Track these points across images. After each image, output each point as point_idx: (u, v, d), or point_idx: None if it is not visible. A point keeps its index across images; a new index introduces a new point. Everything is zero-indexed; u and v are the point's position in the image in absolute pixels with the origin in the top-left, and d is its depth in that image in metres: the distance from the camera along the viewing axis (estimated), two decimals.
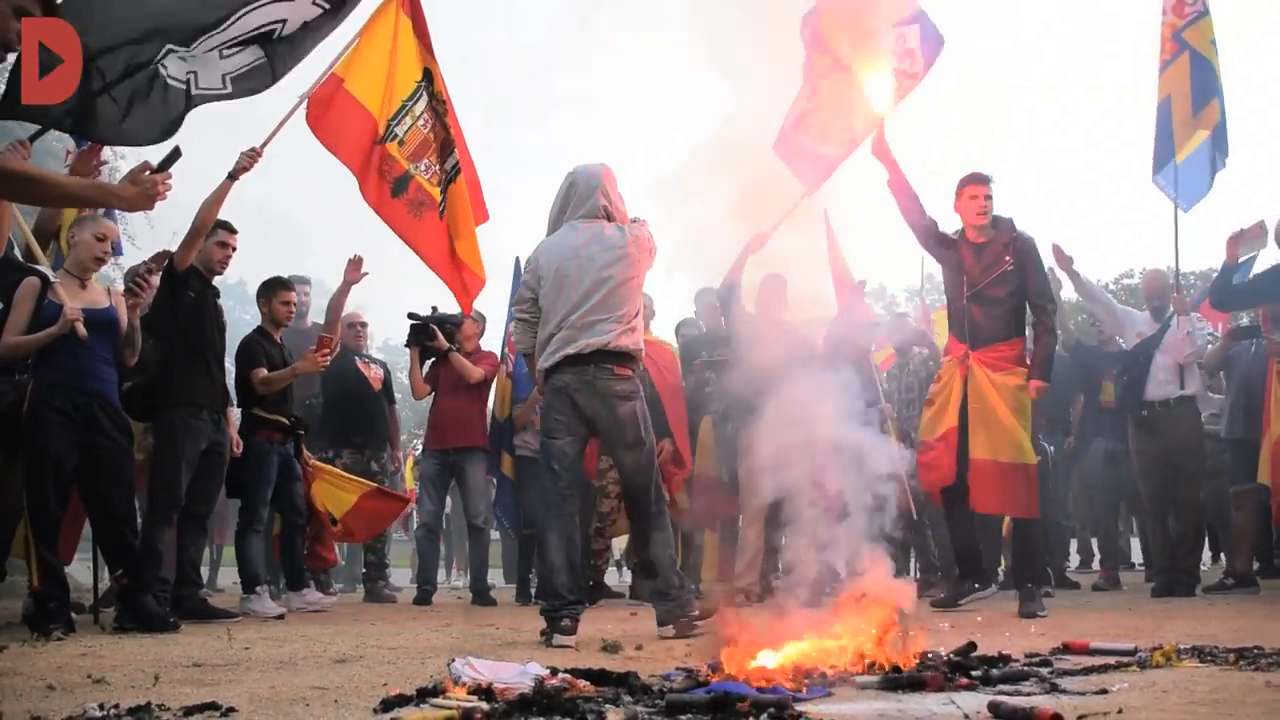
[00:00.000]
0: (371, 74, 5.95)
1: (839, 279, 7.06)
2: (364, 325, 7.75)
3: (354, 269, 6.56)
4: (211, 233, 5.77)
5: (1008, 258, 5.70)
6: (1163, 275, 7.59)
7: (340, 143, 5.89)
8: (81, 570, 6.81)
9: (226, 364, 6.34)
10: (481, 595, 7.21)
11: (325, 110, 5.80)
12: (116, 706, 2.50)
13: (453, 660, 3.11)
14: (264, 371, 6.24)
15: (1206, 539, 9.00)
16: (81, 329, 4.77)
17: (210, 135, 5.50)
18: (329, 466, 6.89)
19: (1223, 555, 9.11)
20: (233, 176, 5.48)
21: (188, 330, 5.67)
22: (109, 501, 4.93)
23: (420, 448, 9.93)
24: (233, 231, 5.92)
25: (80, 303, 4.86)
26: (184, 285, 5.64)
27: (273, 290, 6.50)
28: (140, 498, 5.87)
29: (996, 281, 5.67)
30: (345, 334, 7.36)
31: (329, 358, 6.43)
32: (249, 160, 5.48)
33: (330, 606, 6.49)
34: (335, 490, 6.71)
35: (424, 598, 7.22)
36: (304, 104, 5.72)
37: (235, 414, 6.39)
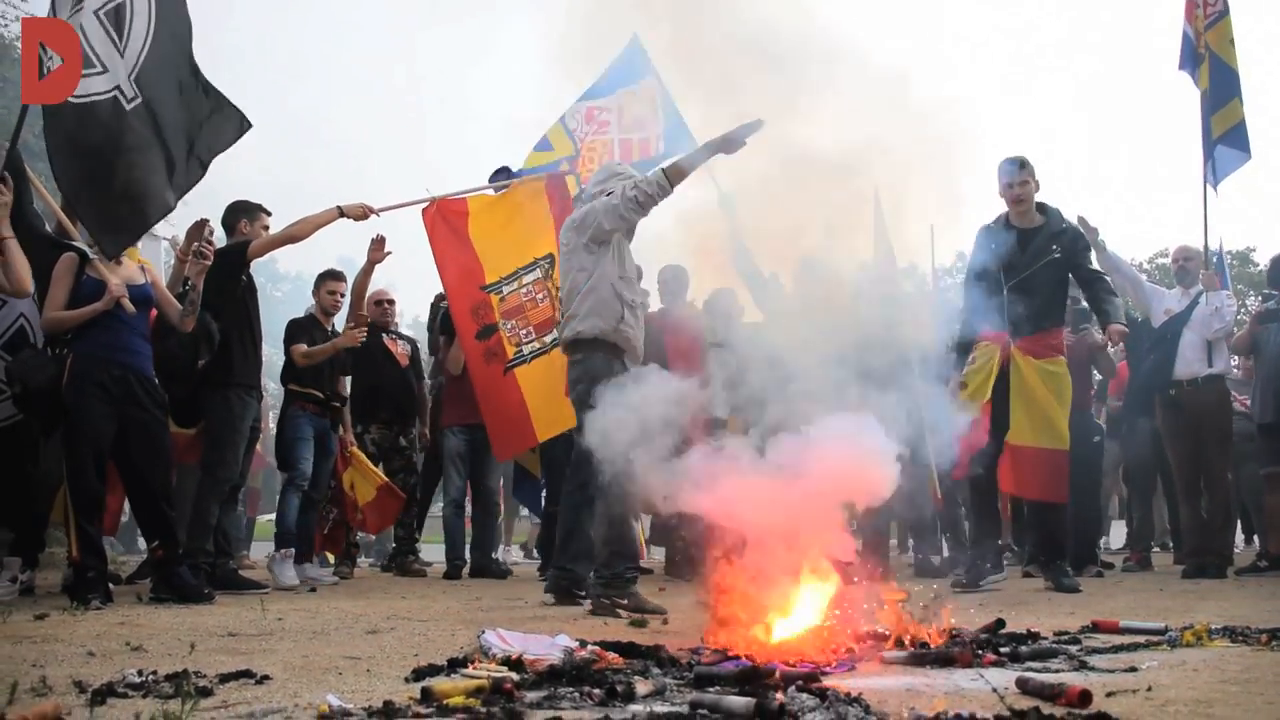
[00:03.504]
0: (494, 228, 6.83)
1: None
2: (391, 303, 7.80)
3: (377, 248, 6.66)
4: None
5: (1054, 247, 5.78)
6: (1191, 248, 7.50)
7: (445, 258, 6.80)
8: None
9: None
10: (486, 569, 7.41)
11: (442, 223, 6.77)
12: (154, 673, 2.55)
13: (483, 632, 3.15)
14: (304, 346, 6.57)
15: (1239, 522, 8.92)
16: (128, 304, 4.88)
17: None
18: (361, 455, 7.07)
19: (1256, 537, 9.03)
20: (342, 213, 5.91)
21: (244, 312, 5.83)
22: (145, 474, 5.00)
23: None
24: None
25: (117, 278, 4.93)
26: (242, 270, 5.82)
27: (322, 280, 6.93)
28: (187, 472, 6.00)
29: (1042, 270, 5.76)
30: (373, 311, 7.44)
31: (365, 333, 6.82)
32: (362, 213, 5.99)
33: (329, 582, 6.55)
34: (363, 481, 7.01)
35: (454, 572, 7.30)
36: (428, 203, 6.73)
37: (271, 397, 6.61)
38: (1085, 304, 7.42)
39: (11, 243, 4.86)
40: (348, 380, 7.30)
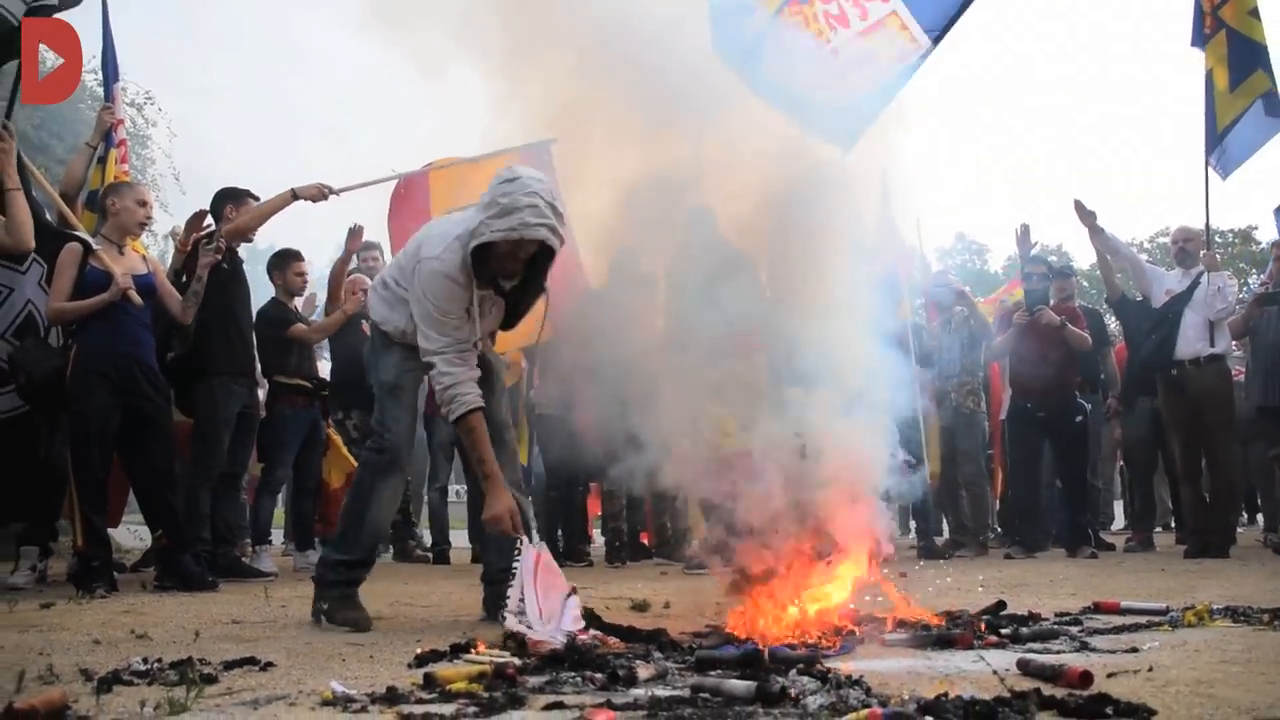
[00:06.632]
0: (453, 197, 5.93)
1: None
2: (368, 290, 7.81)
3: (354, 238, 6.67)
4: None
5: None
6: (1191, 228, 7.48)
7: (402, 234, 5.97)
8: (123, 533, 6.94)
9: None
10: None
11: (406, 201, 6.12)
12: (160, 660, 2.56)
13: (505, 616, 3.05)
14: (303, 326, 6.45)
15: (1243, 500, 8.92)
16: (135, 296, 4.88)
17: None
18: (338, 439, 7.03)
19: (1260, 517, 9.04)
20: (296, 195, 5.46)
21: (225, 300, 5.80)
22: (150, 463, 5.02)
23: None
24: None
25: (120, 269, 4.94)
26: (223, 258, 5.76)
27: (286, 262, 6.71)
28: (181, 461, 6.00)
29: None
30: (350, 298, 7.44)
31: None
32: (318, 194, 5.42)
33: None
34: (336, 467, 6.90)
35: (441, 557, 7.36)
36: (395, 179, 6.01)
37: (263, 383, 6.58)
38: (1036, 286, 7.38)
39: (17, 194, 4.83)
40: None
